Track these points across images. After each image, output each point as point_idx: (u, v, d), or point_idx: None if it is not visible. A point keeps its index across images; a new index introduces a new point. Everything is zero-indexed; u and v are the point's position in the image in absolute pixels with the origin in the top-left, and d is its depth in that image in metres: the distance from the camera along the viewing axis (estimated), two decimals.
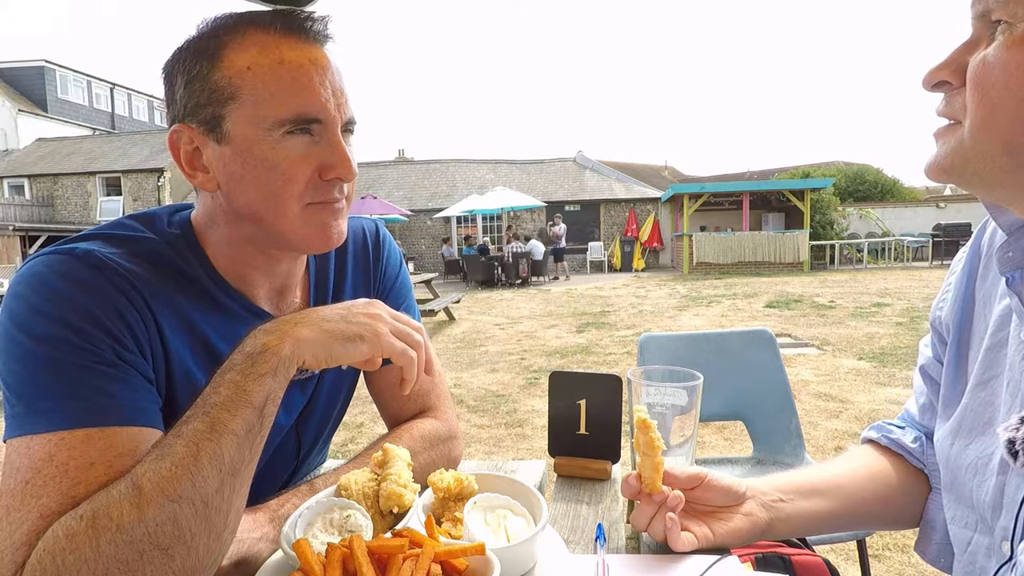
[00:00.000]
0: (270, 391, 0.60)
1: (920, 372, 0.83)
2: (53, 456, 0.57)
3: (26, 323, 0.62)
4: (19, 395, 0.61)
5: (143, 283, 0.68)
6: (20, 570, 0.54)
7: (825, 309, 8.59)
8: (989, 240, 0.72)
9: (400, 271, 1.01)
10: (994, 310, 0.68)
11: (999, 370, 0.66)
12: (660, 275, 16.95)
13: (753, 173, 28.67)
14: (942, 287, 0.79)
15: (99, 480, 0.57)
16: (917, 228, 18.61)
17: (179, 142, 0.71)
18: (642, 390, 0.83)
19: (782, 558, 0.89)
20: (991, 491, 0.63)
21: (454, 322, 9.08)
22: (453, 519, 0.71)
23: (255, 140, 0.68)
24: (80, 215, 22.13)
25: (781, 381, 1.85)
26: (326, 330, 0.65)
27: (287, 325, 0.64)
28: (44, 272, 0.64)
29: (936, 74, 0.56)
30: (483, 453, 3.62)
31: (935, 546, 0.78)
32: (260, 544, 0.66)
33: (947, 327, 0.75)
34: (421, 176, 23.57)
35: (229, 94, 0.67)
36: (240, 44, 0.68)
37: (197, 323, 0.74)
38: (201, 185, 0.73)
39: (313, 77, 0.69)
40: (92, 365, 0.61)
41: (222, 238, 0.76)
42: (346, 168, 0.71)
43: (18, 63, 29.06)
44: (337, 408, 0.96)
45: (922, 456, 0.81)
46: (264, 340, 0.62)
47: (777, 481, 0.80)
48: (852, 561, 2.17)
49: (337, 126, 0.71)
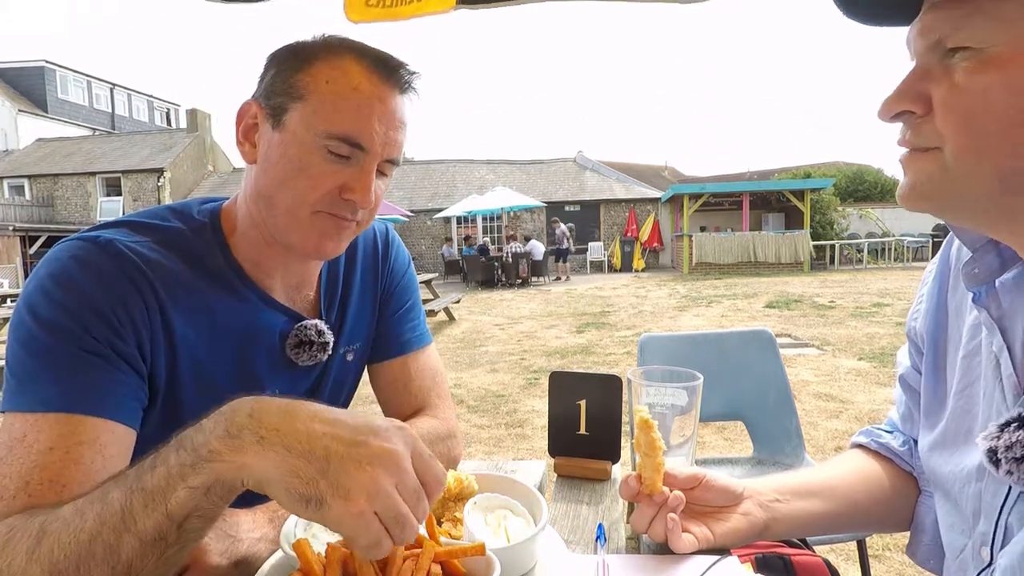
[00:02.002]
0: (196, 508, 0.49)
1: (900, 381, 0.84)
2: (25, 436, 0.61)
3: (34, 305, 0.66)
4: (13, 372, 0.65)
5: (158, 271, 0.72)
6: None
7: (825, 309, 8.59)
8: (957, 253, 0.72)
9: (407, 271, 1.03)
10: (966, 320, 0.69)
11: (974, 377, 0.66)
12: (660, 275, 16.95)
13: (753, 173, 28.67)
14: (915, 298, 0.80)
15: (55, 465, 0.60)
16: (917, 228, 18.61)
17: (246, 114, 0.78)
18: (642, 390, 0.83)
19: (782, 558, 0.89)
20: (970, 498, 0.64)
21: (454, 322, 9.08)
22: (453, 519, 0.71)
23: (301, 139, 0.73)
24: (80, 215, 22.13)
25: (781, 381, 1.85)
26: (284, 468, 0.47)
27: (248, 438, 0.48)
28: (63, 257, 0.68)
29: (895, 105, 0.56)
30: (483, 453, 3.61)
31: (925, 548, 0.78)
32: (260, 544, 0.66)
33: (922, 338, 0.77)
34: (421, 176, 23.58)
35: (300, 94, 0.73)
36: (331, 63, 0.74)
37: (216, 311, 0.77)
38: (245, 155, 0.78)
39: (375, 110, 0.74)
40: (80, 352, 0.65)
41: (245, 219, 0.80)
42: (364, 197, 0.75)
43: (18, 63, 29.10)
44: (341, 400, 0.97)
45: (911, 459, 0.82)
46: (216, 446, 0.49)
47: (773, 482, 0.80)
48: (852, 561, 2.17)
49: (375, 160, 0.76)
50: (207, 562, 0.61)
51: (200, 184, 22.88)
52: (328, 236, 0.77)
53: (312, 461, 0.47)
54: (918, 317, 0.78)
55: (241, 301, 0.80)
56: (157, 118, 37.38)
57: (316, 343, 0.87)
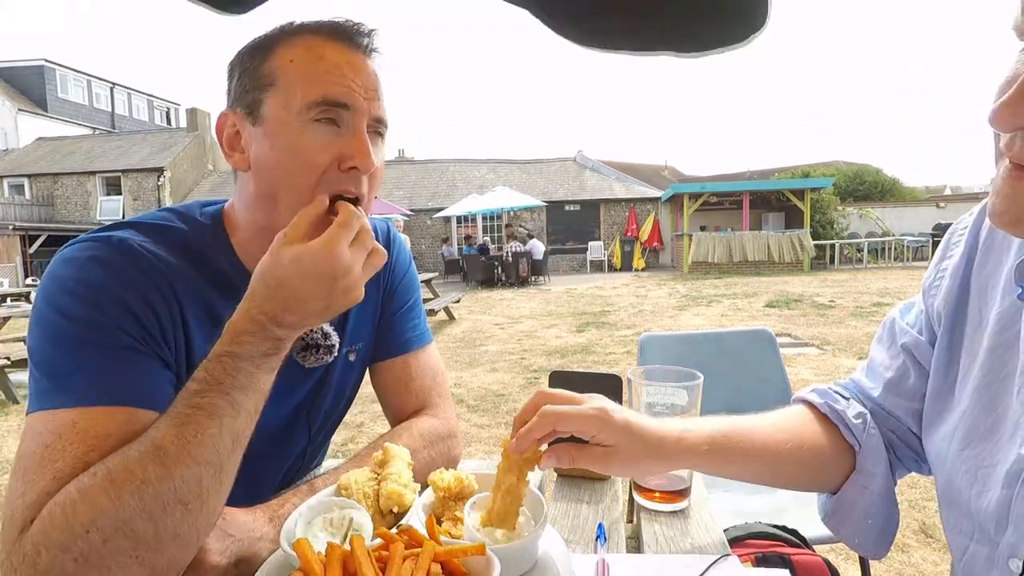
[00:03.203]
0: (271, 381, 0.66)
1: (903, 350, 0.76)
2: (76, 423, 0.61)
3: (60, 304, 0.65)
4: (47, 372, 0.64)
5: (171, 271, 0.72)
6: (28, 526, 0.55)
7: (825, 309, 8.59)
8: (988, 229, 0.69)
9: (408, 270, 1.03)
10: (994, 306, 0.65)
11: (1004, 373, 0.63)
12: (660, 275, 16.95)
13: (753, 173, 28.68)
14: (933, 267, 0.75)
15: (112, 451, 0.60)
16: (917, 228, 18.62)
17: (224, 125, 0.77)
18: (642, 389, 0.83)
19: (782, 557, 0.89)
20: (994, 503, 0.60)
21: (454, 322, 9.08)
22: (453, 518, 0.71)
23: (285, 123, 0.72)
24: (80, 214, 22.13)
25: (781, 381, 1.85)
26: (313, 314, 0.66)
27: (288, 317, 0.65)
28: (80, 257, 0.68)
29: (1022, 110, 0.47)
30: (483, 452, 3.61)
31: (851, 525, 0.76)
32: (260, 544, 0.66)
33: (938, 316, 0.73)
34: (421, 176, 23.57)
35: (269, 82, 0.73)
36: (290, 42, 0.74)
37: (221, 314, 0.76)
38: (236, 164, 0.77)
39: (346, 70, 0.73)
40: (118, 348, 0.65)
41: (249, 226, 0.79)
42: (363, 156, 0.72)
43: (18, 62, 29.10)
44: (345, 399, 0.97)
45: (860, 435, 0.76)
46: (280, 333, 0.65)
47: (710, 430, 0.72)
48: (852, 561, 2.17)
49: (363, 116, 0.73)
50: (207, 561, 0.61)
51: (200, 183, 22.86)
52: None
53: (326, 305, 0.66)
54: (937, 294, 0.73)
55: None
56: (157, 117, 37.38)
57: (323, 346, 0.87)
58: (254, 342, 0.63)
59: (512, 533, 0.65)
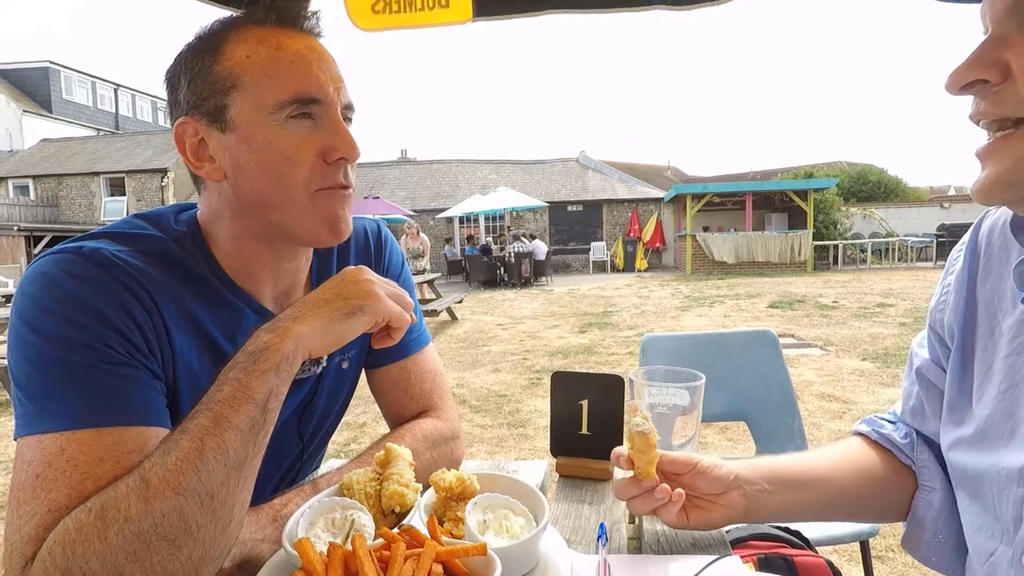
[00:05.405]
0: (273, 387, 0.61)
1: (916, 374, 0.81)
2: (64, 450, 0.58)
3: (36, 323, 0.62)
4: (30, 395, 0.61)
5: (150, 281, 0.68)
6: (30, 563, 0.55)
7: (828, 309, 8.57)
8: (987, 239, 0.70)
9: (402, 270, 1.01)
10: (1006, 315, 0.66)
11: (1019, 379, 0.63)
12: (663, 275, 16.93)
13: (756, 173, 28.61)
14: (939, 287, 0.77)
15: (108, 475, 0.58)
16: (921, 228, 18.56)
17: (184, 135, 0.73)
18: (644, 390, 0.83)
19: (785, 559, 0.89)
20: (1012, 502, 0.61)
21: (457, 322, 9.08)
22: (455, 519, 0.70)
23: (258, 125, 0.70)
24: (84, 215, 22.21)
25: (784, 382, 1.85)
26: (324, 315, 0.66)
27: (286, 322, 0.65)
28: (53, 271, 0.65)
29: (968, 73, 0.52)
30: (485, 453, 3.61)
31: (926, 544, 0.76)
32: (263, 544, 0.66)
33: (950, 331, 0.74)
34: (424, 176, 23.59)
35: (231, 83, 0.70)
36: (239, 37, 0.71)
37: (202, 321, 0.74)
38: (208, 175, 0.73)
39: (311, 61, 0.72)
40: (102, 365, 0.62)
41: (229, 235, 0.76)
42: (348, 146, 0.72)
43: (23, 64, 29.20)
44: (338, 406, 0.96)
45: (912, 453, 0.79)
46: (266, 339, 0.63)
47: (764, 467, 0.78)
48: (855, 562, 2.17)
49: (336, 107, 0.73)
50: None
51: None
52: (336, 215, 0.75)
53: (334, 301, 0.67)
54: (945, 309, 0.74)
55: (230, 310, 0.77)
56: (161, 118, 37.42)
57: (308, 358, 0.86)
58: (244, 346, 0.63)
59: (513, 533, 0.65)
